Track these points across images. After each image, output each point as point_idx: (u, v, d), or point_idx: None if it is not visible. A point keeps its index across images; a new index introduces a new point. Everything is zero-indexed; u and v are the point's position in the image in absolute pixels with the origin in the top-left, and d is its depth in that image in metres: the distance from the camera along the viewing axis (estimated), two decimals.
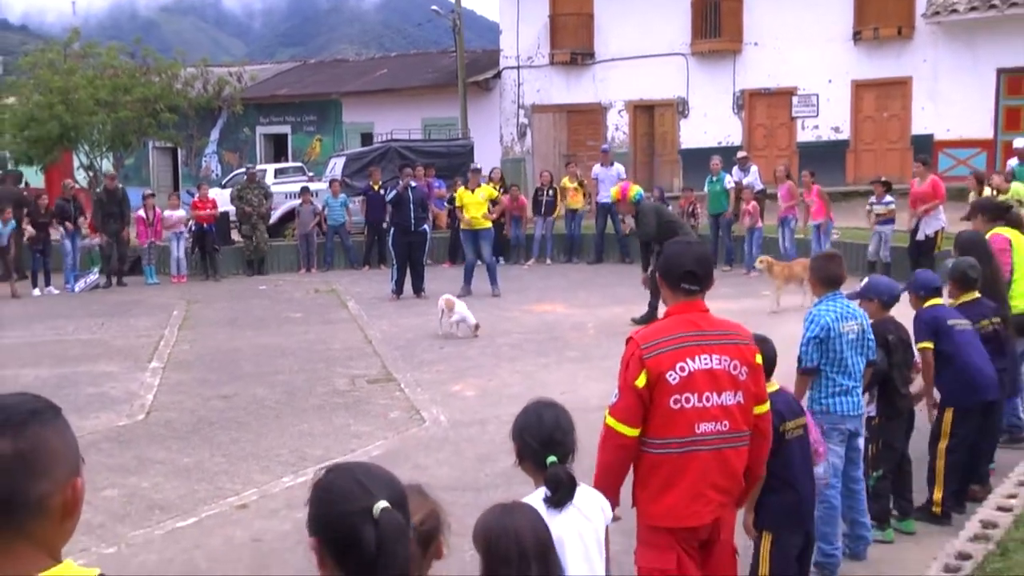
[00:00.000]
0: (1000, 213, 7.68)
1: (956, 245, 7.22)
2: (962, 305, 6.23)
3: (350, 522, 1.85)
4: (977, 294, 6.33)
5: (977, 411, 5.91)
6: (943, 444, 5.88)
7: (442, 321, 12.16)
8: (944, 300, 6.25)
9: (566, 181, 19.80)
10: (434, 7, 30.16)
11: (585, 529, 3.19)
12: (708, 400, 3.72)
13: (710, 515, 3.76)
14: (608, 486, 3.74)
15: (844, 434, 5.31)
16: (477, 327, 12.03)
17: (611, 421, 3.80)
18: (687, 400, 3.70)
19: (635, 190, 12.90)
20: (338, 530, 1.87)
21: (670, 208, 18.64)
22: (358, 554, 1.82)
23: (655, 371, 3.71)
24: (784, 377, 4.70)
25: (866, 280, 5.96)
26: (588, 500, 3.27)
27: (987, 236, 7.32)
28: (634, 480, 3.87)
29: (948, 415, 5.88)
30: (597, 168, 19.76)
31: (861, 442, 5.48)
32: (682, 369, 3.71)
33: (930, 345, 5.85)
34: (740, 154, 20.14)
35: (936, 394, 6.03)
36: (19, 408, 1.54)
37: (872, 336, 5.39)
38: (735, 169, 18.98)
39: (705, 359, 3.74)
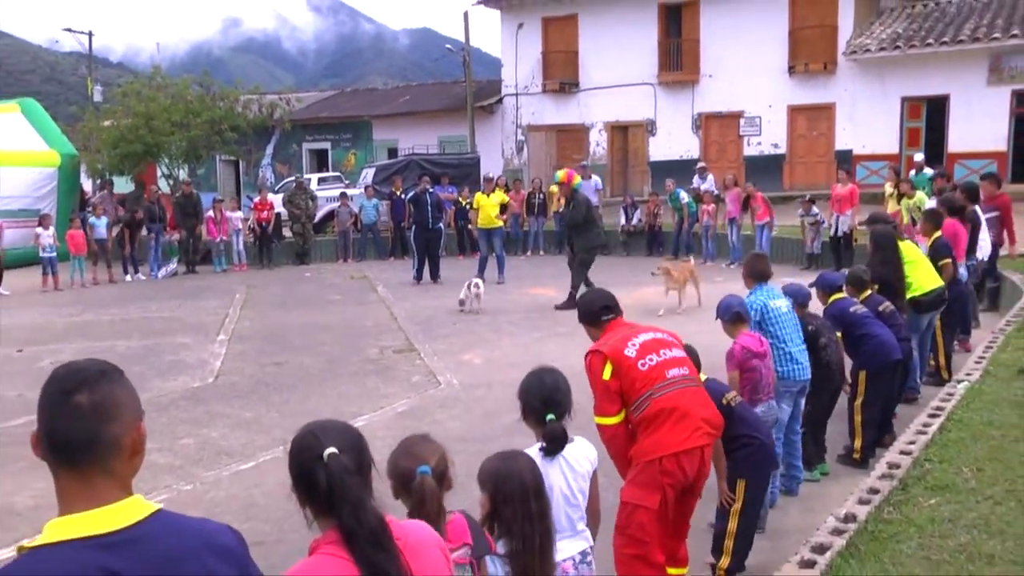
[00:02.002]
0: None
1: (871, 238, 7.24)
2: (863, 302, 6.19)
3: (307, 467, 1.88)
4: (869, 291, 6.29)
5: (887, 372, 5.89)
6: (859, 401, 5.84)
7: (468, 298, 12.17)
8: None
9: (553, 188, 19.68)
10: (448, 46, 30.24)
11: (571, 477, 3.15)
12: (665, 355, 3.78)
13: (700, 440, 3.64)
14: (622, 471, 3.81)
15: (792, 395, 5.31)
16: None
17: (596, 420, 3.82)
18: (650, 359, 3.74)
19: (577, 179, 13.01)
20: (300, 473, 1.91)
21: (638, 211, 18.75)
22: (317, 490, 1.85)
23: (614, 354, 3.74)
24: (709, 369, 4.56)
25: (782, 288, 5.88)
26: (578, 451, 3.21)
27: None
28: (637, 438, 3.74)
29: (862, 377, 5.84)
30: (578, 180, 19.48)
31: (803, 402, 5.47)
32: (634, 344, 3.78)
33: (838, 335, 5.78)
34: (699, 165, 20.07)
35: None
36: (91, 369, 1.58)
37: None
38: (695, 177, 18.92)
39: (647, 335, 3.85)
